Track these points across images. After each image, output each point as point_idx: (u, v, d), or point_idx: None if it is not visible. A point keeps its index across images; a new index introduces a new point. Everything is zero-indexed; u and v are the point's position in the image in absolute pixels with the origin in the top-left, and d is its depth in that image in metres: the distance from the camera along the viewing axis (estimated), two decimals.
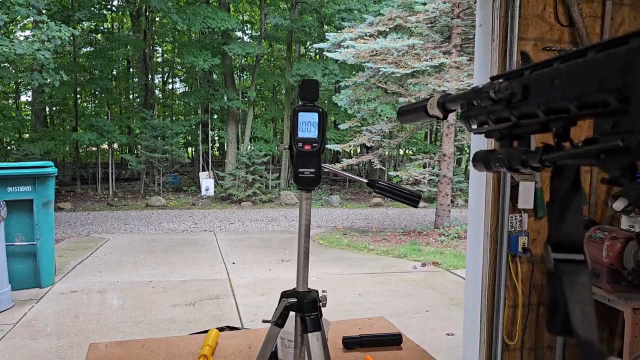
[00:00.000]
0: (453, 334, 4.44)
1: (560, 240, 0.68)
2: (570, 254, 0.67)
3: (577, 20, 2.50)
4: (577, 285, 0.66)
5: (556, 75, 0.60)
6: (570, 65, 0.58)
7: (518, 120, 0.70)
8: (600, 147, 0.55)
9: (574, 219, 0.67)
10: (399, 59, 10.13)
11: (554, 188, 0.68)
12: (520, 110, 0.68)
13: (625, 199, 2.30)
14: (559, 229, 0.68)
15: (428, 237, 9.93)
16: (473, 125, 0.81)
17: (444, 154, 10.67)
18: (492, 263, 2.56)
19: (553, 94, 0.61)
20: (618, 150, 0.53)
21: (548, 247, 0.69)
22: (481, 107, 0.74)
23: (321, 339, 1.05)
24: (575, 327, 0.64)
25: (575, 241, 0.66)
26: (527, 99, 0.66)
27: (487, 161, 0.76)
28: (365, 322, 1.97)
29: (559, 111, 0.63)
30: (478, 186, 2.61)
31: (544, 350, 2.67)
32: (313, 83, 1.06)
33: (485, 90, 0.70)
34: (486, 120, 0.76)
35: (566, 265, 0.67)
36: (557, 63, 0.62)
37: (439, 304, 5.49)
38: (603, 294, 2.25)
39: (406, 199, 1.05)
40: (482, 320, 2.59)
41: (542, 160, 0.65)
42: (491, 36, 2.45)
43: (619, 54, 0.52)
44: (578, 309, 0.65)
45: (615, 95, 0.53)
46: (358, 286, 6.16)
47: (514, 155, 0.70)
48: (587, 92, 0.56)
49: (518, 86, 0.66)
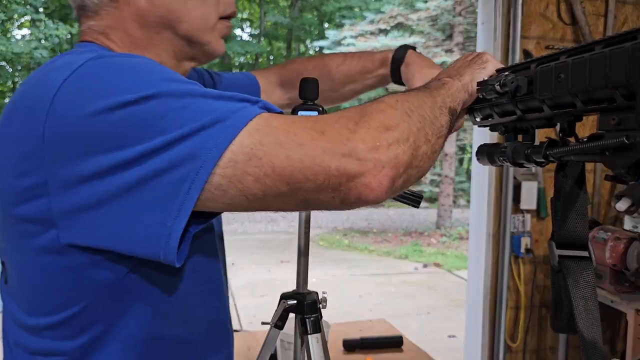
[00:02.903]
0: (455, 336, 4.42)
1: (564, 237, 0.67)
2: (575, 250, 0.66)
3: (580, 19, 2.48)
4: (581, 281, 0.65)
5: (562, 69, 0.58)
6: (577, 60, 0.56)
7: (523, 114, 0.68)
8: (605, 144, 0.53)
9: (578, 216, 0.66)
10: None
11: (558, 184, 0.67)
12: (526, 104, 0.66)
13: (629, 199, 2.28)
14: (563, 225, 0.67)
15: (429, 238, 9.92)
16: (477, 118, 0.79)
17: (446, 153, 10.66)
18: (495, 264, 2.54)
19: (559, 89, 0.59)
20: (623, 148, 0.52)
21: (552, 243, 0.68)
22: (486, 100, 0.71)
23: (321, 341, 1.04)
24: (579, 325, 0.63)
25: (579, 238, 0.66)
26: (533, 93, 0.64)
27: (491, 155, 0.74)
28: (365, 324, 1.95)
29: (565, 106, 0.61)
30: (480, 186, 2.59)
31: (547, 352, 2.65)
32: (313, 82, 1.05)
33: (491, 83, 0.68)
34: (491, 113, 0.74)
35: (571, 262, 0.66)
36: (564, 57, 0.60)
37: (440, 305, 5.47)
38: (606, 295, 2.23)
39: (407, 200, 1.02)
40: (484, 322, 2.57)
41: (546, 155, 0.64)
42: (493, 34, 2.43)
43: (626, 50, 0.50)
44: (582, 306, 0.64)
45: (621, 91, 0.51)
46: (359, 287, 6.14)
47: (519, 149, 0.68)
48: (593, 88, 0.54)
49: (524, 79, 0.64)
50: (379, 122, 0.54)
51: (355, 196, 0.52)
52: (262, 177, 0.52)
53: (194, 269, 0.69)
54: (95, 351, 0.63)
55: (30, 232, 0.58)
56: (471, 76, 0.72)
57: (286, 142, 0.52)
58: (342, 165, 0.51)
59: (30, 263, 0.61)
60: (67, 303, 0.61)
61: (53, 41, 11.52)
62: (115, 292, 0.61)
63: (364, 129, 0.53)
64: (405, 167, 0.54)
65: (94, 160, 0.52)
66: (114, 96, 0.53)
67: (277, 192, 0.53)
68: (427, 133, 0.58)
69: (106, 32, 0.69)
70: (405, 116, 0.57)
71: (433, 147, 0.59)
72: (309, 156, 0.51)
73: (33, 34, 11.49)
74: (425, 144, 0.57)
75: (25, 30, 13.51)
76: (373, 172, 0.52)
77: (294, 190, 0.53)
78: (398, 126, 0.55)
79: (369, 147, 0.52)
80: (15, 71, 13.71)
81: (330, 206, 0.55)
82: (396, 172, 0.53)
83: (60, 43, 12.93)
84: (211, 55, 0.77)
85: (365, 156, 0.51)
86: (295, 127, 0.53)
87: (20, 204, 0.57)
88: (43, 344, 0.64)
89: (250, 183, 0.52)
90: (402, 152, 0.54)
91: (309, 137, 0.52)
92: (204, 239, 0.72)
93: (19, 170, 0.56)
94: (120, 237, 0.55)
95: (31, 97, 0.57)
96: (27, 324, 0.64)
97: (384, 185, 0.52)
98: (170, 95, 0.54)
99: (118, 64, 0.57)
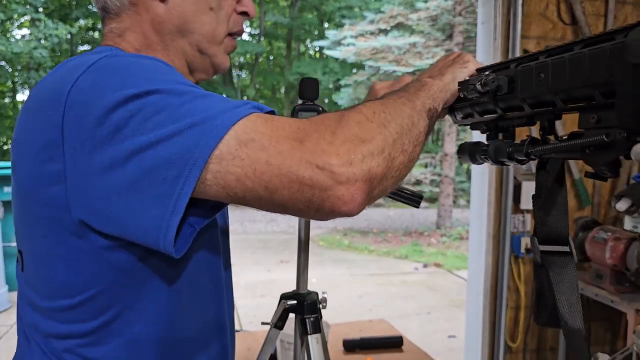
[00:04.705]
0: (455, 336, 4.42)
1: (547, 232, 0.68)
2: (557, 245, 0.67)
3: (580, 19, 2.48)
4: (563, 276, 0.66)
5: (543, 69, 0.60)
6: (556, 60, 0.58)
7: (504, 112, 0.69)
8: (586, 142, 0.55)
9: (560, 212, 0.68)
10: (400, 57, 10.13)
11: (540, 181, 0.68)
12: (507, 102, 0.68)
13: (629, 199, 2.28)
14: (545, 221, 0.68)
15: (429, 238, 9.92)
16: (458, 117, 0.80)
17: (446, 153, 10.67)
18: (495, 264, 2.54)
19: (539, 88, 0.60)
20: (603, 145, 0.53)
21: (535, 239, 0.69)
22: (467, 99, 0.72)
23: (321, 341, 1.04)
24: (562, 317, 0.64)
25: (561, 233, 0.67)
26: (514, 92, 0.65)
27: (473, 153, 0.76)
28: (366, 324, 1.95)
29: (545, 104, 0.62)
30: (480, 186, 2.59)
31: (547, 352, 2.65)
32: (313, 82, 1.05)
33: (472, 83, 0.69)
34: (471, 112, 0.75)
35: (553, 257, 0.67)
36: (543, 57, 0.62)
37: (440, 305, 5.47)
38: (606, 295, 2.23)
39: (407, 200, 1.03)
40: (484, 322, 2.57)
41: (527, 153, 0.65)
42: (493, 34, 2.43)
43: (605, 50, 0.51)
44: (564, 299, 0.65)
45: (600, 89, 0.53)
46: (359, 288, 6.14)
47: (501, 148, 0.70)
48: (573, 87, 0.56)
49: (504, 79, 0.65)
50: (354, 134, 0.56)
51: (328, 207, 0.54)
52: (243, 178, 0.55)
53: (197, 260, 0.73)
54: (109, 334, 0.67)
55: (51, 217, 0.63)
56: (453, 75, 0.74)
57: (268, 148, 0.54)
58: (315, 177, 0.53)
59: (51, 247, 0.65)
60: (84, 286, 0.65)
61: (53, 41, 11.51)
62: (130, 276, 0.65)
63: (339, 141, 0.55)
64: (379, 179, 0.56)
65: (102, 151, 0.57)
66: (121, 90, 0.57)
67: (255, 195, 0.56)
68: (404, 143, 0.59)
69: (125, 34, 0.75)
70: (381, 128, 0.58)
71: (410, 156, 0.61)
72: (286, 164, 0.54)
73: (33, 33, 11.48)
74: (402, 154, 0.59)
75: (25, 30, 13.52)
76: (346, 186, 0.53)
77: (271, 194, 0.55)
78: (373, 139, 0.56)
79: (343, 161, 0.54)
80: (15, 71, 13.70)
81: (305, 214, 0.57)
82: (369, 185, 0.55)
83: (59, 43, 12.93)
84: (217, 69, 0.82)
85: (339, 170, 0.53)
86: (279, 134, 0.55)
87: (43, 189, 0.62)
88: (58, 328, 0.67)
89: (232, 182, 0.55)
90: (376, 164, 0.55)
91: (289, 146, 0.54)
92: (207, 234, 0.75)
93: (42, 158, 0.61)
94: (126, 226, 0.59)
95: (51, 90, 0.62)
96: (43, 306, 0.68)
97: (357, 198, 0.54)
98: (171, 92, 0.57)
99: (128, 62, 0.62)
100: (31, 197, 0.64)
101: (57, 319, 0.67)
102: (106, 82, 0.59)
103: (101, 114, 0.57)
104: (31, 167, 0.63)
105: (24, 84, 14.72)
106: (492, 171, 2.50)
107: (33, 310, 0.70)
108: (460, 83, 0.73)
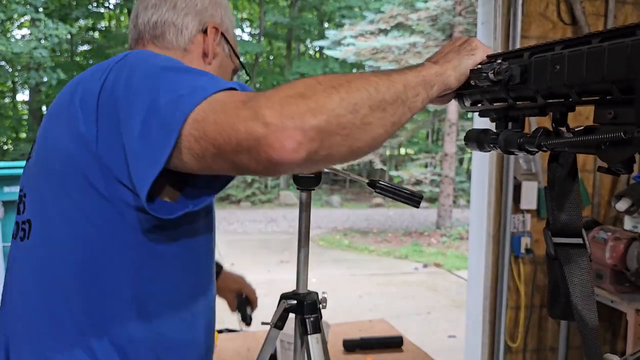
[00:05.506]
0: (455, 336, 4.42)
1: (560, 225, 0.68)
2: (570, 237, 0.67)
3: (580, 19, 2.48)
4: (577, 268, 0.66)
5: (559, 61, 0.59)
6: (573, 52, 0.57)
7: (515, 102, 0.68)
8: (603, 138, 0.54)
9: (572, 205, 0.67)
10: (400, 57, 10.13)
11: (552, 174, 0.67)
12: (518, 92, 0.67)
13: (629, 199, 2.28)
14: (558, 214, 0.68)
15: (430, 238, 9.92)
16: (466, 103, 0.79)
17: (446, 153, 10.66)
18: (495, 264, 2.54)
19: (554, 80, 0.59)
20: (620, 142, 0.53)
21: (548, 232, 0.69)
22: (477, 87, 0.71)
23: (321, 341, 1.04)
24: (577, 309, 0.64)
25: (574, 225, 0.68)
26: (527, 83, 0.64)
27: (481, 141, 0.74)
28: (365, 324, 1.95)
29: (558, 96, 0.61)
30: (480, 186, 2.59)
31: (547, 352, 2.65)
32: None
33: (485, 71, 0.68)
34: (481, 99, 0.74)
35: (567, 249, 0.67)
36: (559, 48, 0.60)
37: (440, 305, 5.47)
38: (606, 295, 2.23)
39: (407, 200, 1.02)
40: (484, 322, 2.57)
41: (539, 145, 0.64)
42: (493, 34, 2.43)
43: (625, 46, 0.51)
44: (578, 291, 0.65)
45: (618, 85, 0.52)
46: (359, 288, 6.14)
47: (511, 138, 0.69)
48: (590, 81, 0.55)
49: (517, 69, 0.64)
50: (296, 92, 0.58)
51: (265, 158, 0.57)
52: (199, 139, 0.61)
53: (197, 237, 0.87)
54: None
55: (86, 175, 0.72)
56: (458, 62, 0.73)
57: (218, 110, 0.60)
58: (249, 128, 0.57)
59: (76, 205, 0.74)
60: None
61: (53, 41, 11.50)
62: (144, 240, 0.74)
63: (278, 97, 0.58)
64: (317, 131, 0.57)
65: (124, 114, 0.67)
66: (142, 69, 0.69)
67: (209, 153, 0.61)
68: (356, 103, 0.60)
69: None
70: (329, 89, 0.59)
71: (365, 119, 0.61)
72: (227, 122, 0.59)
73: (33, 33, 11.47)
74: (352, 114, 0.59)
75: (25, 30, 13.50)
76: (276, 134, 0.56)
77: (219, 152, 0.60)
78: (314, 96, 0.58)
79: (276, 111, 0.56)
80: (15, 71, 13.68)
81: (253, 170, 0.61)
82: (304, 135, 0.56)
83: (59, 43, 12.92)
84: None
85: (270, 120, 0.56)
86: (232, 98, 0.61)
87: (81, 151, 0.72)
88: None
89: (193, 143, 0.61)
90: (312, 116, 0.57)
91: (234, 106, 0.59)
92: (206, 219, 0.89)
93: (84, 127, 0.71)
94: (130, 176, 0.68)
95: (95, 71, 0.75)
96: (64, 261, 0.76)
97: (288, 146, 0.56)
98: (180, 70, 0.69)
99: (153, 54, 0.75)
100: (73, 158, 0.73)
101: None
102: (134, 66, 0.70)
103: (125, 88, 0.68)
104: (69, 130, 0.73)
105: (24, 84, 14.69)
106: (492, 171, 2.50)
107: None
108: (472, 71, 0.72)
